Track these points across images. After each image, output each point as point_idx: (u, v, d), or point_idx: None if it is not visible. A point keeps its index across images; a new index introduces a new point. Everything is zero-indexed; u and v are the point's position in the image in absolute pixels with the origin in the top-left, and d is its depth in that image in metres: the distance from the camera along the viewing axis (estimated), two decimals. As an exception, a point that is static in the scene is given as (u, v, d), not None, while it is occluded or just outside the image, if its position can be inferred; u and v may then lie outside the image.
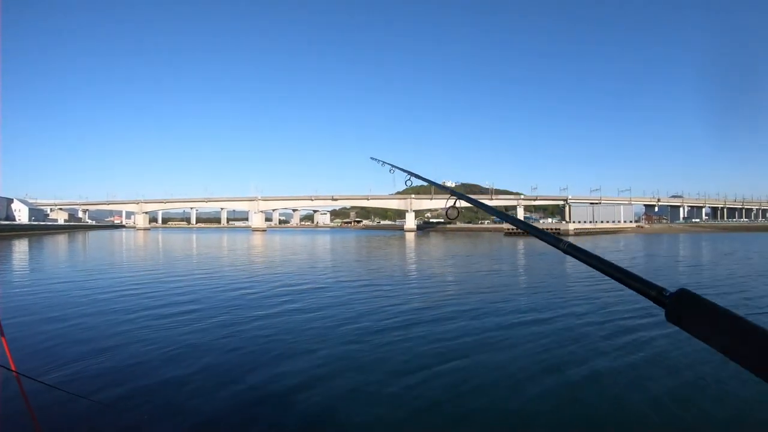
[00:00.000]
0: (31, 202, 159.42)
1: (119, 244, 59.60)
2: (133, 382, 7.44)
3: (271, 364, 8.54)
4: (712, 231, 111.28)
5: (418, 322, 11.93)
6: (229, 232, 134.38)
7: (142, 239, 77.08)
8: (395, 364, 8.50)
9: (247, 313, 13.28)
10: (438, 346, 9.66)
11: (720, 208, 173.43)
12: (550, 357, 8.90)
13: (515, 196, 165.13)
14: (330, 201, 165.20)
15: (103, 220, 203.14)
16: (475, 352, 9.23)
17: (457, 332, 10.81)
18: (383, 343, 9.96)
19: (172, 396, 6.95)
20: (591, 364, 8.40)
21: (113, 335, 10.51)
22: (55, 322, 12.00)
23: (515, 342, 9.98)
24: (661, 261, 33.97)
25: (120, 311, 13.61)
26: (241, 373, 7.98)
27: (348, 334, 10.68)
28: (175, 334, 10.61)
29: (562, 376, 7.87)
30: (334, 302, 15.17)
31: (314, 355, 9.04)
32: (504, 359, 8.76)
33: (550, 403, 6.80)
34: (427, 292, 17.93)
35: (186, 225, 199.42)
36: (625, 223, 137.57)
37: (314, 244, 59.60)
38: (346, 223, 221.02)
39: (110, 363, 8.44)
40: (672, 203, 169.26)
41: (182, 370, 8.11)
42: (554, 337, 10.28)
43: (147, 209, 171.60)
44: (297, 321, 12.23)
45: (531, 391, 7.18)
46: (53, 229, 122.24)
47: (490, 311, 13.39)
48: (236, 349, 9.45)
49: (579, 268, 27.92)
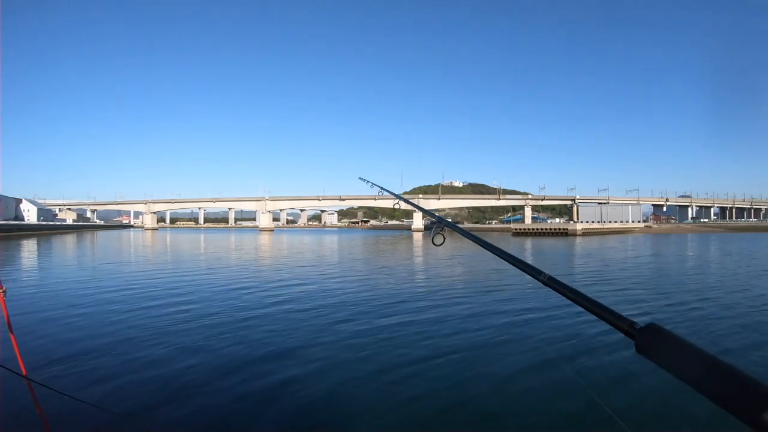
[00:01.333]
0: (40, 203, 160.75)
1: (127, 244, 59.87)
2: (143, 388, 7.33)
3: (283, 360, 8.54)
4: (721, 231, 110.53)
5: (420, 322, 11.91)
6: (237, 232, 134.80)
7: (150, 239, 77.42)
8: (398, 365, 8.48)
9: (260, 314, 13.27)
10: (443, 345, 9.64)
11: (729, 207, 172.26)
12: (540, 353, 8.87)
13: (523, 196, 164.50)
14: (338, 201, 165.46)
15: (111, 220, 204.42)
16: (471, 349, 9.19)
17: (461, 334, 10.76)
18: (391, 344, 9.94)
19: (182, 403, 6.91)
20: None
21: (123, 338, 10.44)
22: (63, 324, 12.01)
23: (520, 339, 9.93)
24: (671, 260, 33.70)
25: (126, 312, 13.61)
26: (259, 377, 7.93)
27: (355, 335, 10.66)
28: (183, 337, 10.60)
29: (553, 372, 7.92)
30: (339, 301, 15.16)
31: (325, 352, 9.05)
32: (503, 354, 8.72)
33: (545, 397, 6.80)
34: (433, 291, 17.85)
35: (194, 225, 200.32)
36: (634, 223, 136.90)
37: (321, 244, 59.63)
38: (354, 223, 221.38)
39: (123, 368, 8.33)
40: (680, 203, 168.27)
41: (193, 374, 8.09)
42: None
43: (155, 209, 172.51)
44: (313, 321, 12.20)
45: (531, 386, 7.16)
46: (62, 229, 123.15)
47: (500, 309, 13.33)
48: (253, 353, 9.40)
49: (583, 268, 27.89)
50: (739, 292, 16.80)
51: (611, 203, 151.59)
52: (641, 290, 17.46)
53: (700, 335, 10.32)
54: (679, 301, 14.77)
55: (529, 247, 49.68)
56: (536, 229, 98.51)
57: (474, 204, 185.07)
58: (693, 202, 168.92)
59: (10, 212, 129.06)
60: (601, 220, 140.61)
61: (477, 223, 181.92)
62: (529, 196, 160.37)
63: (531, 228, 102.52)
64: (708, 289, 17.54)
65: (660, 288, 18.04)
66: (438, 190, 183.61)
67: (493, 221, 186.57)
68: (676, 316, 12.45)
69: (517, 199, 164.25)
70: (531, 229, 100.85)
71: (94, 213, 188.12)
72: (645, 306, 14.06)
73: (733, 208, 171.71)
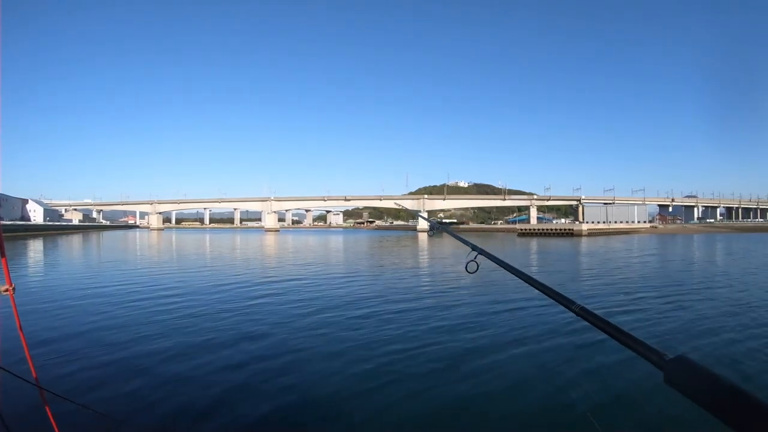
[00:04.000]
0: (46, 203, 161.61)
1: (133, 245, 60.10)
2: (154, 397, 7.17)
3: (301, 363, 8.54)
4: (727, 231, 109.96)
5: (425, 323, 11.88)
6: (242, 232, 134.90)
7: (156, 239, 77.70)
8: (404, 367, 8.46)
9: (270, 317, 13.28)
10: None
11: (735, 208, 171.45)
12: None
13: (528, 197, 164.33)
14: (343, 201, 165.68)
15: (117, 220, 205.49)
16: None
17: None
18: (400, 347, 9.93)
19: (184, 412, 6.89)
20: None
21: (131, 339, 10.48)
22: (73, 329, 12.00)
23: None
24: (677, 261, 33.55)
25: (134, 315, 13.66)
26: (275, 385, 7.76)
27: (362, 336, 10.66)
28: (186, 336, 10.63)
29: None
30: (348, 301, 15.16)
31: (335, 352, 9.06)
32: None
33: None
34: (441, 292, 17.82)
35: (199, 225, 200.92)
36: (639, 224, 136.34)
37: (327, 245, 59.63)
38: (359, 224, 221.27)
39: (133, 376, 8.13)
40: (686, 203, 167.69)
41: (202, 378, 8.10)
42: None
43: (161, 209, 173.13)
44: (323, 326, 12.20)
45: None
46: (67, 230, 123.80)
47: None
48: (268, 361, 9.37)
49: (591, 267, 27.78)
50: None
51: (617, 203, 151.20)
52: (653, 297, 17.33)
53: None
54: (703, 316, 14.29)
55: (535, 248, 49.60)
56: (541, 230, 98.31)
57: (479, 204, 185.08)
58: (699, 203, 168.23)
59: (16, 212, 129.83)
60: (607, 220, 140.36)
61: (482, 223, 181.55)
62: (535, 197, 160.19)
63: (536, 228, 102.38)
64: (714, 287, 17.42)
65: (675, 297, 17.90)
66: (443, 191, 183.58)
67: (498, 221, 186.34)
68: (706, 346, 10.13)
69: (522, 200, 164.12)
70: (536, 229, 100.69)
71: (99, 213, 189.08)
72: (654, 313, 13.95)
73: (739, 208, 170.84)
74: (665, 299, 15.35)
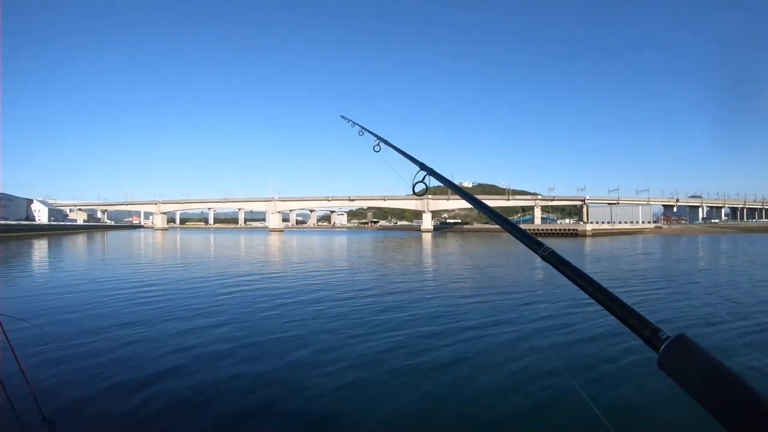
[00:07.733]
0: (51, 203, 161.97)
1: (137, 245, 60.26)
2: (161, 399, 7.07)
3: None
4: (732, 231, 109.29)
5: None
6: (247, 232, 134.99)
7: (160, 239, 77.78)
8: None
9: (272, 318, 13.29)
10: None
11: (740, 208, 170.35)
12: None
13: (532, 197, 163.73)
14: (347, 201, 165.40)
15: (121, 220, 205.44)
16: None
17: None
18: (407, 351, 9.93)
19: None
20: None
21: (136, 341, 10.53)
22: (74, 330, 12.04)
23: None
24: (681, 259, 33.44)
25: (134, 314, 13.68)
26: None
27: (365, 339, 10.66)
28: (187, 337, 10.65)
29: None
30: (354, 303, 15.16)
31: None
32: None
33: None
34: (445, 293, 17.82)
35: (204, 225, 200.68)
36: (644, 224, 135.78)
37: (331, 245, 59.58)
38: (363, 224, 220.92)
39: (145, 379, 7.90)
40: (691, 203, 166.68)
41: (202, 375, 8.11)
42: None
43: (165, 210, 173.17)
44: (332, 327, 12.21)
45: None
46: (72, 230, 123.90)
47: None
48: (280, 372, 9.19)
49: (597, 264, 27.68)
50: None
51: (621, 204, 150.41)
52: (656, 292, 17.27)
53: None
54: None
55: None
56: (546, 230, 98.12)
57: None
58: (704, 203, 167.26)
59: (21, 213, 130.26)
60: (611, 220, 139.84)
61: (486, 223, 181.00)
62: (539, 197, 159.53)
63: (540, 229, 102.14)
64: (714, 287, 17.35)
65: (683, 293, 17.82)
66: (447, 191, 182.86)
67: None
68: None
69: (526, 200, 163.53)
70: (540, 229, 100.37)
71: (104, 213, 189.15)
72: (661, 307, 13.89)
73: (744, 208, 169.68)
74: (671, 296, 15.29)
